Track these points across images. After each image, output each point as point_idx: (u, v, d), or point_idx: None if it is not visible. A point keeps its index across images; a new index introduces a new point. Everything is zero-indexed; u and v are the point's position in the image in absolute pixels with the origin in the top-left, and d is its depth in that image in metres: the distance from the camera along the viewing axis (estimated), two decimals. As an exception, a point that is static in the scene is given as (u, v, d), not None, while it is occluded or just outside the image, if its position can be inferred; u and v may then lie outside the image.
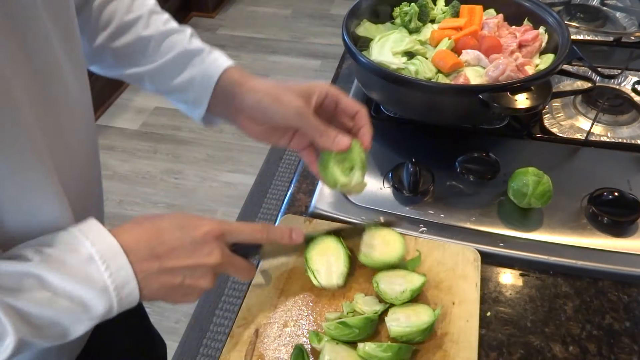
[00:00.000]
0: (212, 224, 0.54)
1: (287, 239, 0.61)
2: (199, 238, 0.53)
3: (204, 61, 0.66)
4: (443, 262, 0.69)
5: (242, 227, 0.58)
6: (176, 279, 0.52)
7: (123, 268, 0.48)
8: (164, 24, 0.67)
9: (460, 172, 0.79)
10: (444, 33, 0.92)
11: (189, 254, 0.52)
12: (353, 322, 0.58)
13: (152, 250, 0.51)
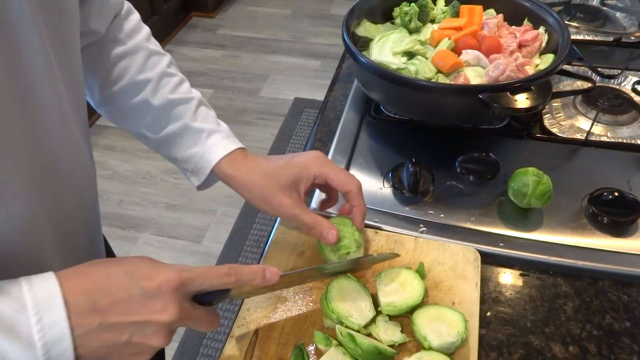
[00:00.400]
0: (170, 274, 0.47)
1: (260, 280, 0.53)
2: (151, 290, 0.46)
3: (203, 145, 0.67)
4: (443, 262, 0.69)
5: (206, 274, 0.50)
6: (121, 337, 0.45)
7: (58, 323, 0.42)
8: (171, 91, 0.68)
9: (460, 172, 0.79)
10: (444, 33, 0.92)
11: (137, 309, 0.46)
12: (360, 342, 0.56)
13: (93, 304, 0.44)
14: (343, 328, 0.58)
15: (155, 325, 0.46)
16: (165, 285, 0.46)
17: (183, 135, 0.68)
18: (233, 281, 0.51)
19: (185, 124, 0.67)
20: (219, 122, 0.71)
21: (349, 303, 0.61)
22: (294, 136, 2.55)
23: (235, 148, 0.68)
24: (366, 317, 0.61)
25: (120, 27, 0.68)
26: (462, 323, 0.59)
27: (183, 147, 0.68)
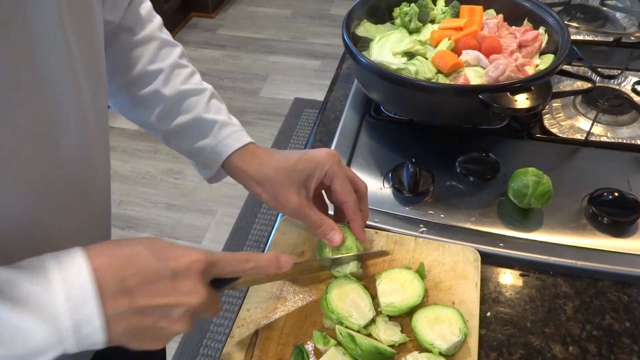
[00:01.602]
0: (197, 255, 0.46)
1: (274, 267, 0.54)
2: (180, 271, 0.45)
3: (215, 137, 0.66)
4: (443, 262, 0.69)
5: (228, 259, 0.49)
6: (149, 320, 0.43)
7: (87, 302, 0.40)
8: (183, 82, 0.67)
9: (460, 172, 0.79)
10: (444, 33, 0.92)
11: (167, 291, 0.44)
12: (359, 342, 0.56)
13: (122, 283, 0.42)
14: (343, 328, 0.58)
15: (184, 307, 0.45)
16: (194, 267, 0.45)
17: (195, 127, 0.66)
18: (250, 267, 0.51)
19: (197, 115, 0.66)
20: (231, 116, 0.70)
21: (348, 303, 0.61)
22: (294, 136, 2.55)
23: (248, 142, 0.67)
24: (366, 318, 0.60)
25: (133, 16, 0.66)
26: (459, 319, 0.59)
27: (194, 139, 0.67)
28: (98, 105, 0.57)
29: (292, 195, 0.63)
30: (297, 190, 0.63)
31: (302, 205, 0.63)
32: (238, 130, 0.67)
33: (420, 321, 0.60)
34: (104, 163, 0.62)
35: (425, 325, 0.59)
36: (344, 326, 0.59)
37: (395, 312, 0.62)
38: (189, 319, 0.46)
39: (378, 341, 0.59)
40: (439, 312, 0.60)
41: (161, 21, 0.70)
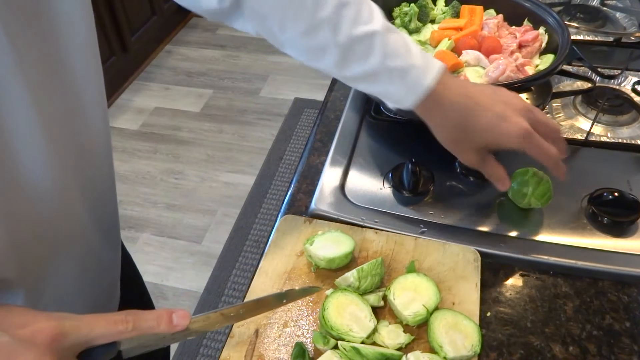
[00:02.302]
0: (48, 322, 0.40)
1: (165, 325, 0.45)
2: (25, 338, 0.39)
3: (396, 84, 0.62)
4: (443, 263, 0.69)
5: (96, 323, 0.42)
6: None
7: None
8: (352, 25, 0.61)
9: (460, 172, 0.79)
10: (444, 33, 0.92)
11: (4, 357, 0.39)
12: (365, 352, 0.56)
13: None
14: (345, 343, 0.58)
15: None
16: (41, 334, 0.39)
17: (374, 76, 0.62)
18: (130, 329, 0.43)
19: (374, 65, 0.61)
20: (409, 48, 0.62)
21: (347, 317, 0.60)
22: (294, 136, 2.55)
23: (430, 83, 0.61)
24: (367, 329, 0.59)
25: None
26: (477, 335, 0.58)
27: (376, 86, 0.64)
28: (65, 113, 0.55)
29: (471, 154, 0.66)
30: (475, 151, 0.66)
31: (478, 162, 0.67)
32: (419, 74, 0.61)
33: (438, 320, 0.60)
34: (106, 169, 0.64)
35: (442, 326, 0.59)
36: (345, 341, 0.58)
37: (423, 319, 0.61)
38: None
39: (384, 347, 0.59)
40: (459, 321, 0.60)
41: None
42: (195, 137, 2.56)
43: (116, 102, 2.78)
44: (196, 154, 2.47)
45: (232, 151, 2.49)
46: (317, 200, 0.78)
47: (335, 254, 0.66)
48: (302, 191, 0.82)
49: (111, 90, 2.78)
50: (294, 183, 0.83)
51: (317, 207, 0.77)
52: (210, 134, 2.57)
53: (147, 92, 2.87)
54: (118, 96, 2.82)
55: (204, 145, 2.52)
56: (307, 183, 0.83)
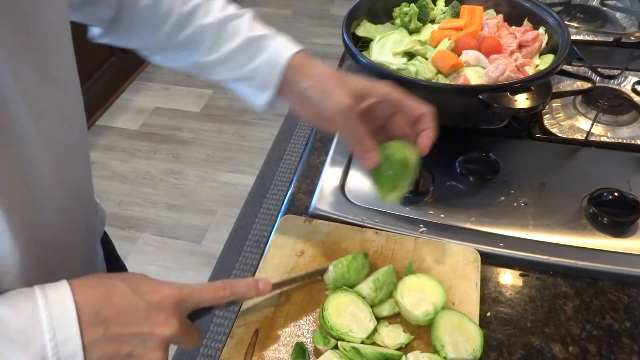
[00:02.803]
0: (172, 289, 0.48)
1: (254, 292, 0.56)
2: (155, 303, 0.47)
3: (267, 48, 0.63)
4: (443, 263, 0.69)
5: (204, 290, 0.51)
6: (124, 348, 0.45)
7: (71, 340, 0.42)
8: (221, 10, 0.65)
9: (460, 172, 0.79)
10: (444, 33, 0.92)
11: (141, 320, 0.46)
12: (365, 352, 0.56)
13: (98, 313, 0.44)
14: (345, 343, 0.58)
15: (157, 338, 0.47)
16: (168, 300, 0.48)
17: (245, 48, 0.64)
18: (228, 295, 0.53)
19: (244, 36, 0.64)
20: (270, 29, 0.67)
21: (347, 318, 0.60)
22: (294, 136, 2.55)
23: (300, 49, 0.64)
24: (367, 329, 0.59)
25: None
26: (479, 340, 0.58)
27: (246, 60, 0.64)
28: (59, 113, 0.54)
29: (346, 97, 0.59)
30: (350, 94, 0.59)
31: (351, 109, 0.59)
32: (289, 40, 0.65)
33: (444, 320, 0.60)
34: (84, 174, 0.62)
35: (446, 326, 0.59)
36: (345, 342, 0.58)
37: (434, 317, 0.61)
38: (163, 349, 0.48)
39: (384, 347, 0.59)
40: (465, 323, 0.60)
41: None
42: (195, 137, 2.56)
43: (116, 102, 2.78)
44: (196, 154, 2.47)
45: (232, 151, 2.49)
46: (317, 200, 0.78)
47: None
48: (302, 191, 0.82)
49: (111, 90, 2.78)
50: (294, 183, 0.84)
51: (317, 207, 0.77)
52: (210, 134, 2.57)
53: (147, 92, 2.86)
54: (118, 96, 2.82)
55: (204, 145, 2.52)
56: (307, 183, 0.83)
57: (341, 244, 0.72)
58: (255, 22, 0.66)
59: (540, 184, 0.79)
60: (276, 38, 0.65)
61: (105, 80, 2.68)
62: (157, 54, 0.69)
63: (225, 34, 0.64)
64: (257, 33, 0.65)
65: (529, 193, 0.78)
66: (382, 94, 0.62)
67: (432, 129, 0.64)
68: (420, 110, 0.63)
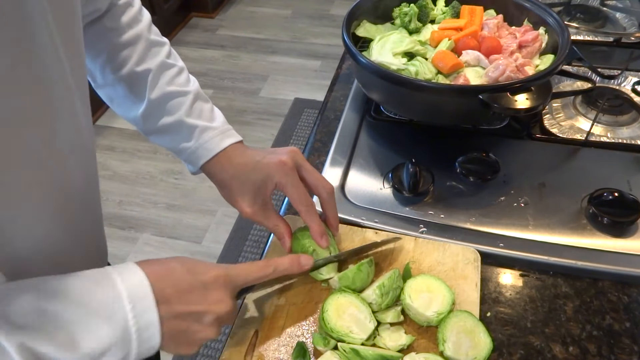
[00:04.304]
0: (220, 270, 0.52)
1: (296, 267, 0.59)
2: (209, 283, 0.51)
3: (196, 140, 0.67)
4: (443, 263, 0.69)
5: (249, 269, 0.55)
6: (183, 325, 0.49)
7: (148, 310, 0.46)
8: (169, 83, 0.68)
9: (460, 172, 0.79)
10: (444, 34, 0.92)
11: (199, 299, 0.50)
12: (364, 354, 0.56)
13: (161, 292, 0.47)
14: (345, 345, 0.58)
15: (212, 315, 0.50)
16: (220, 279, 0.52)
17: (177, 129, 0.68)
18: (271, 272, 0.56)
19: (179, 118, 0.67)
20: (214, 116, 0.70)
21: (347, 319, 0.60)
22: (294, 136, 2.55)
23: (226, 146, 0.68)
24: (367, 330, 0.59)
25: (121, 15, 0.67)
26: (485, 352, 0.57)
27: (176, 140, 0.69)
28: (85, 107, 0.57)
29: (245, 206, 0.66)
30: (250, 199, 0.66)
31: (255, 214, 0.67)
32: (218, 135, 0.68)
33: (457, 319, 0.60)
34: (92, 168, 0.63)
35: (456, 326, 0.59)
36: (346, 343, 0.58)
37: (445, 317, 0.60)
38: (217, 326, 0.51)
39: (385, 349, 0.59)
40: (478, 331, 0.59)
41: (150, 19, 0.71)
42: (195, 137, 2.56)
43: (116, 102, 2.78)
44: (196, 154, 2.47)
45: (232, 151, 2.48)
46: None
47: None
48: (302, 191, 0.82)
49: (111, 90, 2.78)
50: (294, 183, 0.83)
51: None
52: (210, 134, 2.57)
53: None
54: (118, 96, 2.82)
55: (204, 146, 2.52)
56: (307, 183, 0.83)
57: (341, 244, 0.72)
58: (195, 106, 0.69)
59: (540, 184, 0.79)
60: (206, 132, 0.67)
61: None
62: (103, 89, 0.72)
63: (163, 108, 0.68)
64: (190, 121, 0.67)
65: (529, 193, 0.78)
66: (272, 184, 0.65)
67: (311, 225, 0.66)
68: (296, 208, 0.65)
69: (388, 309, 0.63)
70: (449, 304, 0.61)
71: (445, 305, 0.61)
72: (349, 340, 0.59)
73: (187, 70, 0.72)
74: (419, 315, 0.61)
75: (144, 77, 0.67)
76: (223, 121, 0.70)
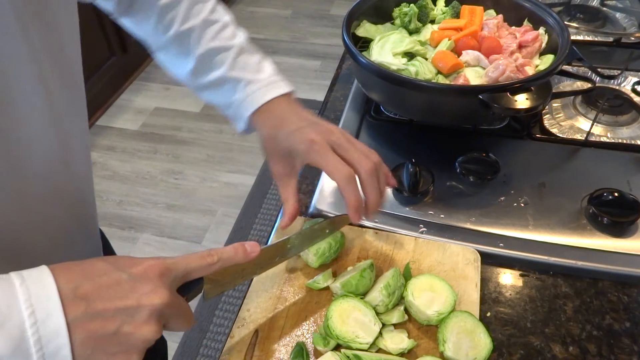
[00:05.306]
0: (153, 260, 0.45)
1: (242, 255, 0.52)
2: (139, 275, 0.43)
3: (241, 93, 0.68)
4: (443, 263, 0.69)
5: (189, 258, 0.48)
6: (110, 325, 0.40)
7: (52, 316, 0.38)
8: (212, 39, 0.69)
9: (460, 172, 0.79)
10: (444, 34, 0.92)
11: (125, 293, 0.41)
12: (367, 359, 0.56)
13: (76, 290, 0.40)
14: (347, 350, 0.58)
15: (147, 309, 0.42)
16: (152, 270, 0.44)
17: (222, 84, 0.69)
18: (215, 260, 0.49)
19: (223, 73, 0.68)
20: (261, 68, 0.71)
21: (352, 324, 0.60)
22: (294, 136, 2.55)
23: (269, 99, 0.67)
24: (373, 333, 0.59)
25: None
26: (485, 353, 0.57)
27: (223, 96, 0.70)
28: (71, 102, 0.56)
29: (272, 165, 0.67)
30: (278, 162, 0.66)
31: (277, 178, 0.67)
32: (262, 87, 0.68)
33: (458, 319, 0.60)
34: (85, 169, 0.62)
35: (456, 326, 0.59)
36: (353, 349, 0.58)
37: (445, 317, 0.60)
38: (155, 322, 0.42)
39: (387, 352, 0.59)
40: (478, 332, 0.59)
41: None
42: (195, 137, 2.56)
43: (116, 102, 2.78)
44: (196, 154, 2.47)
45: (232, 151, 2.48)
46: (317, 201, 0.78)
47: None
48: (302, 191, 0.82)
49: (111, 90, 2.77)
50: (294, 183, 0.83)
51: (317, 207, 0.77)
52: (210, 134, 2.57)
53: (147, 92, 2.86)
54: (118, 96, 2.82)
55: (204, 146, 2.52)
56: (307, 183, 0.83)
57: (341, 244, 0.72)
58: (239, 59, 0.69)
59: (540, 184, 0.79)
60: (250, 85, 0.68)
61: (105, 80, 2.67)
62: (158, 53, 0.73)
63: (208, 65, 0.69)
64: (234, 74, 0.68)
65: (529, 193, 0.78)
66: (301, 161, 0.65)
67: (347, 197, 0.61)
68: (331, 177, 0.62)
69: (393, 309, 0.63)
70: (450, 305, 0.61)
71: (447, 306, 0.61)
72: (356, 345, 0.58)
73: (233, 24, 0.72)
74: (420, 314, 0.61)
75: (189, 36, 0.68)
76: (270, 73, 0.70)
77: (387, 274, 0.65)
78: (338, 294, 0.64)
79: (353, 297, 0.62)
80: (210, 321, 1.77)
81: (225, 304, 1.81)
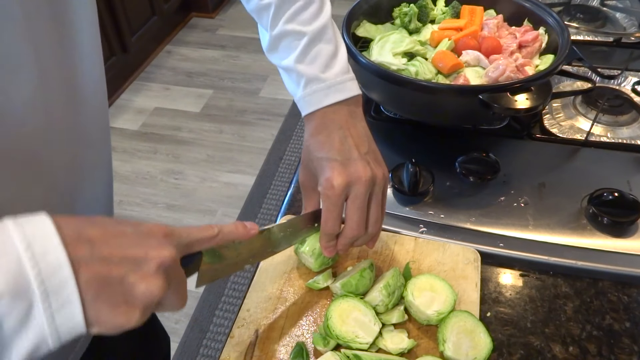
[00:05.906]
0: (158, 224, 0.44)
1: (242, 230, 0.53)
2: (145, 232, 0.42)
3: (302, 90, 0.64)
4: (443, 263, 0.69)
5: (191, 229, 0.49)
6: (116, 271, 0.37)
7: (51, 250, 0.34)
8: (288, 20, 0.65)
9: (460, 172, 0.79)
10: (444, 34, 0.92)
11: (132, 244, 0.39)
12: (366, 359, 0.56)
13: (81, 232, 0.37)
14: (347, 350, 0.58)
15: (155, 262, 0.39)
16: (158, 229, 0.43)
17: (289, 73, 0.66)
18: (216, 232, 0.50)
19: (290, 64, 0.65)
20: (332, 63, 0.64)
21: (351, 324, 0.60)
22: (294, 136, 2.55)
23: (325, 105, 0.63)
24: (373, 333, 0.59)
25: None
26: (485, 353, 0.57)
27: (289, 83, 0.67)
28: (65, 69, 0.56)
29: (303, 174, 0.65)
30: (309, 174, 0.64)
31: (303, 186, 0.66)
32: (324, 89, 0.63)
33: (457, 319, 0.60)
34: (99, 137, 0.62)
35: (456, 326, 0.59)
36: (354, 349, 0.58)
37: (445, 317, 0.60)
38: (162, 276, 0.39)
39: (387, 352, 0.59)
40: (478, 332, 0.59)
41: None
42: (195, 137, 2.56)
43: (116, 102, 2.78)
44: (196, 154, 2.47)
45: (232, 151, 2.48)
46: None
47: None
48: (302, 191, 0.82)
49: (111, 90, 2.77)
50: (294, 183, 0.83)
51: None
52: (210, 134, 2.57)
53: (147, 92, 2.87)
54: (118, 96, 2.82)
55: (204, 146, 2.52)
56: (307, 183, 0.83)
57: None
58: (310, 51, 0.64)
59: (540, 184, 0.79)
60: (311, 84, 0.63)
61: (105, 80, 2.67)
62: None
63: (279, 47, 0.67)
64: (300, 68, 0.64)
65: (529, 193, 0.78)
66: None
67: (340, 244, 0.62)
68: None
69: (392, 309, 0.63)
70: (450, 305, 0.61)
71: (447, 306, 0.61)
72: (356, 345, 0.58)
73: (319, 2, 0.65)
74: (420, 313, 0.61)
75: (267, 11, 0.66)
76: (338, 71, 0.64)
77: (387, 273, 0.65)
78: (338, 294, 0.64)
79: (353, 297, 0.62)
80: (210, 321, 1.77)
81: (225, 304, 1.81)
